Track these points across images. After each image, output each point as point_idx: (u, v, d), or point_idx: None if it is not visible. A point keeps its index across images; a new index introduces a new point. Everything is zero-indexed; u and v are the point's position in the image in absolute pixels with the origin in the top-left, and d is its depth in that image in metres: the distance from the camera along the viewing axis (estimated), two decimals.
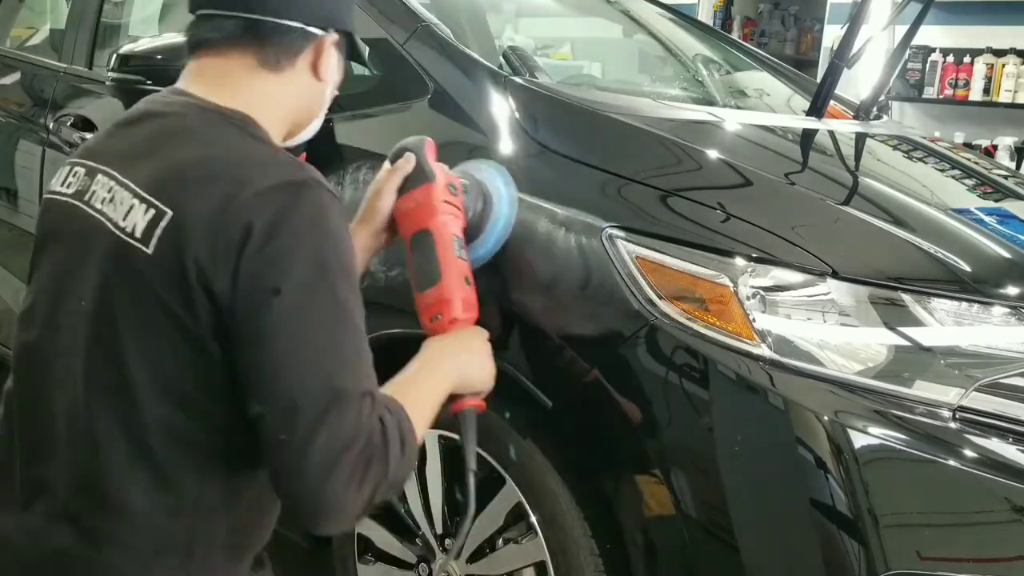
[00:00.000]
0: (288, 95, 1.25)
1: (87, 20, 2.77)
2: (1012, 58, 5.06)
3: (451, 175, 1.47)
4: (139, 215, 1.11)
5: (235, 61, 1.22)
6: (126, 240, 1.11)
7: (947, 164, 2.22)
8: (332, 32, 1.26)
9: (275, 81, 1.23)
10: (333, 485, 1.07)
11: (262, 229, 1.07)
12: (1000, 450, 1.38)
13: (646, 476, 1.49)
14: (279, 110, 1.25)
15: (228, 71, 1.22)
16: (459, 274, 1.41)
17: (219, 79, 1.22)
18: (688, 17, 3.22)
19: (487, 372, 1.41)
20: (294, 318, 1.07)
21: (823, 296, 1.45)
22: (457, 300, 1.40)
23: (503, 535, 1.68)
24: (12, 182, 2.83)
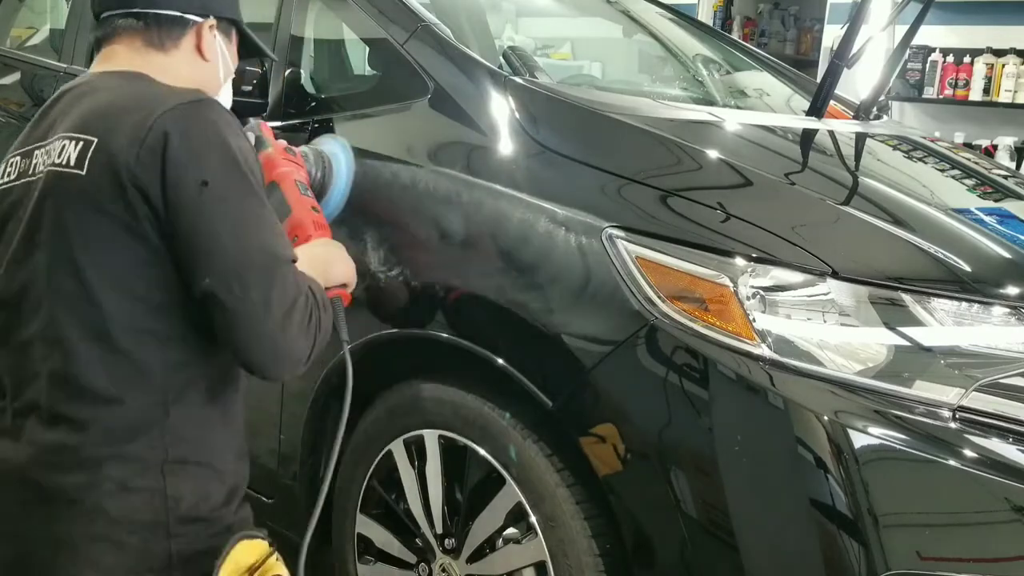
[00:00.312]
0: (179, 70, 1.45)
1: (87, 20, 2.77)
2: (1012, 58, 5.06)
3: (282, 143, 1.72)
4: (70, 149, 1.31)
5: (126, 45, 1.44)
6: (63, 170, 1.30)
7: (947, 164, 2.22)
8: (211, 18, 1.47)
9: (164, 59, 1.44)
10: (290, 334, 1.29)
11: (177, 135, 1.26)
12: (1000, 450, 1.37)
13: (646, 476, 1.49)
14: (173, 81, 1.42)
15: (122, 53, 1.44)
16: (306, 205, 1.63)
17: (116, 60, 1.44)
18: (688, 17, 3.22)
19: (346, 267, 1.60)
20: (225, 201, 1.28)
21: (823, 296, 1.45)
22: (308, 223, 1.61)
23: (503, 535, 1.68)
24: None
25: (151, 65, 1.43)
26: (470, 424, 1.67)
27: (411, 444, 1.78)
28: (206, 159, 1.28)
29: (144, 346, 1.29)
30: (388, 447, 1.81)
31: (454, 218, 1.73)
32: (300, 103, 2.06)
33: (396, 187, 1.82)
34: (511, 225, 1.64)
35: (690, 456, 1.46)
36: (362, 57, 2.57)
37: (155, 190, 1.25)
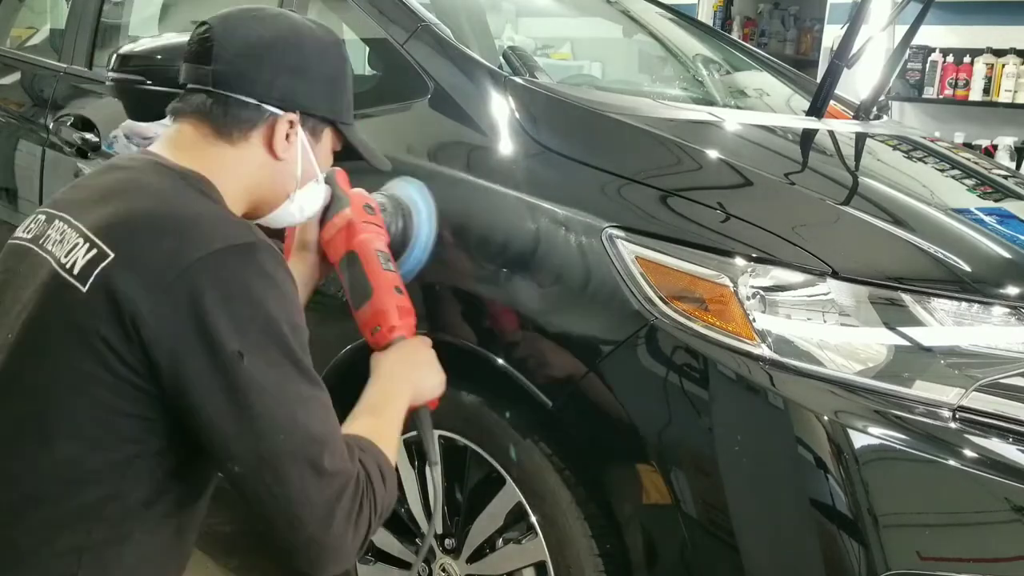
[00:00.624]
0: (245, 167, 1.29)
1: (87, 20, 2.78)
2: (1012, 58, 5.06)
3: (367, 197, 1.53)
4: (80, 253, 1.14)
5: (196, 129, 1.28)
6: (63, 276, 1.14)
7: (947, 164, 2.22)
8: (291, 114, 1.29)
9: (232, 152, 1.28)
10: (334, 530, 1.12)
11: (213, 294, 1.09)
12: (1000, 450, 1.37)
13: (646, 476, 1.49)
14: (237, 180, 1.29)
15: (190, 138, 1.28)
16: (389, 285, 1.46)
17: (183, 144, 1.28)
18: (688, 17, 3.22)
19: (437, 381, 1.47)
20: (262, 378, 1.10)
21: (823, 296, 1.45)
22: (392, 310, 1.44)
23: (503, 535, 1.68)
24: (12, 182, 2.84)
25: (214, 159, 1.27)
26: (470, 424, 1.67)
27: (411, 444, 1.78)
28: (246, 327, 1.10)
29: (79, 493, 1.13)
30: None
31: (454, 218, 1.73)
32: None
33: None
34: (511, 225, 1.65)
35: (690, 456, 1.46)
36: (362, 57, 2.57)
37: (169, 349, 1.09)
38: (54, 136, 2.62)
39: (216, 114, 1.27)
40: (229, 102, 1.26)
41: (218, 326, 1.09)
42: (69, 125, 2.56)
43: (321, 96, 1.33)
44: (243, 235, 1.16)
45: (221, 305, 1.09)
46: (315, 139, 1.35)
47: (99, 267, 1.11)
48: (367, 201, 1.52)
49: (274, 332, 1.12)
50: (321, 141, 1.36)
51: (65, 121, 2.59)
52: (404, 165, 1.83)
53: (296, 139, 1.31)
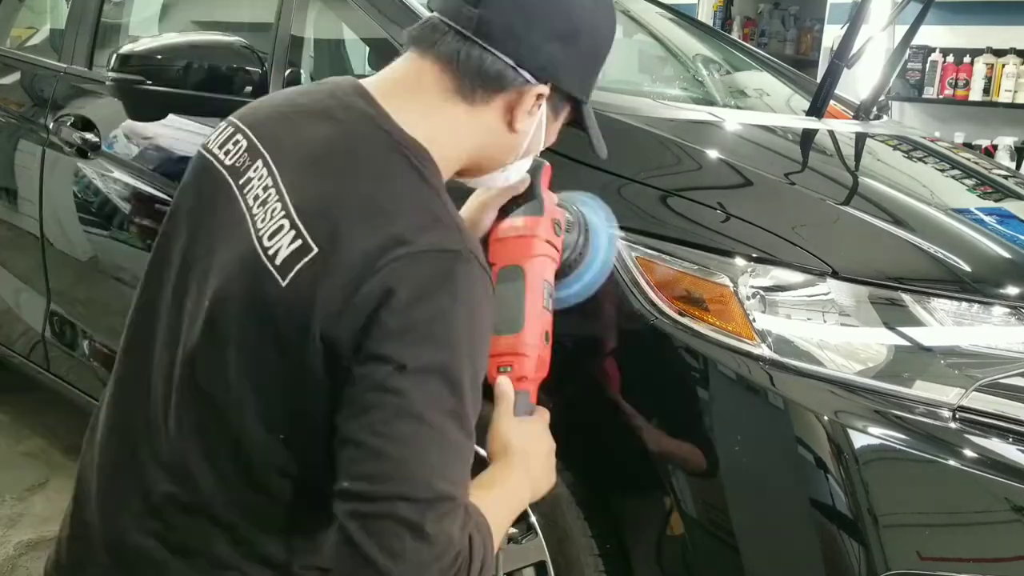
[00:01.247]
0: (474, 132, 1.15)
1: (87, 20, 2.77)
2: (1012, 58, 5.06)
3: (560, 212, 1.35)
4: (285, 241, 1.04)
5: (437, 79, 1.13)
6: (264, 263, 1.04)
7: (947, 164, 2.22)
8: (543, 85, 1.14)
9: (465, 115, 1.13)
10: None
11: (403, 299, 0.98)
12: (1000, 450, 1.37)
13: (646, 476, 1.49)
14: (460, 145, 1.15)
15: (427, 88, 1.13)
16: (541, 328, 1.30)
17: (415, 94, 1.13)
18: (688, 17, 3.22)
19: (552, 480, 1.29)
20: (413, 400, 0.98)
21: (823, 296, 1.45)
22: (532, 357, 1.28)
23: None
24: (12, 182, 2.83)
25: (443, 122, 1.12)
26: None
27: None
28: (421, 340, 0.98)
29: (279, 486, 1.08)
30: None
31: None
32: None
33: None
34: None
35: (690, 456, 1.46)
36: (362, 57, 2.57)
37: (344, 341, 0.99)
38: (54, 136, 2.62)
39: (466, 68, 1.11)
40: (485, 57, 1.10)
41: (392, 330, 0.98)
42: (69, 125, 2.56)
43: (581, 71, 1.19)
44: (452, 240, 1.03)
45: (406, 308, 0.98)
46: (554, 115, 1.20)
47: (301, 262, 1.02)
48: (558, 216, 1.34)
49: (446, 357, 1.00)
50: (559, 118, 1.22)
51: (65, 121, 2.59)
52: None
53: (537, 113, 1.16)
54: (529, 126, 1.17)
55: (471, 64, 1.11)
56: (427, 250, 1.01)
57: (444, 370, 0.99)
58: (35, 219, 2.69)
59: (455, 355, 1.00)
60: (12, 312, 2.88)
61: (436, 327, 0.99)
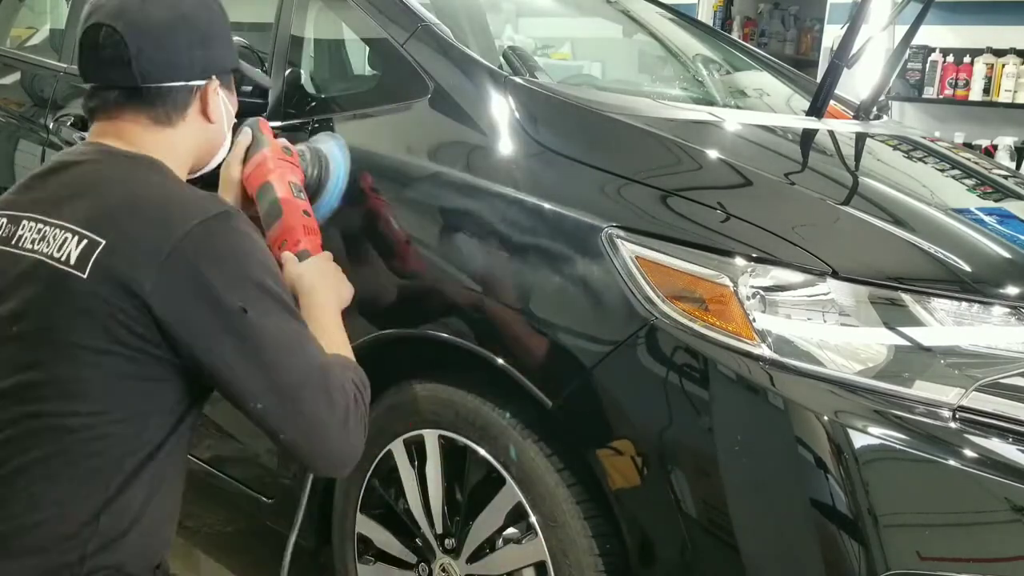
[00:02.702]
0: (186, 142, 1.42)
1: None
2: (1012, 58, 5.06)
3: (286, 143, 1.68)
4: (72, 246, 1.24)
5: (130, 122, 1.38)
6: (59, 267, 1.23)
7: (947, 164, 2.22)
8: (211, 80, 1.42)
9: (171, 134, 1.40)
10: (350, 438, 1.32)
11: (210, 263, 1.23)
12: (1000, 450, 1.37)
13: (646, 476, 1.49)
14: (180, 155, 1.42)
15: (126, 130, 1.38)
16: (298, 209, 1.60)
17: (120, 136, 1.38)
18: (688, 17, 3.22)
19: (349, 290, 1.60)
20: (267, 324, 1.26)
21: (823, 296, 1.45)
22: (298, 227, 1.58)
23: (503, 535, 1.68)
24: (12, 182, 2.83)
25: (161, 144, 1.38)
26: (470, 424, 1.67)
27: (411, 444, 1.78)
28: (241, 284, 1.25)
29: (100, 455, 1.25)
30: (388, 447, 1.81)
31: (454, 217, 1.73)
32: (300, 103, 2.06)
33: (396, 186, 1.82)
34: (511, 225, 1.64)
35: (690, 456, 1.46)
36: (362, 57, 2.57)
37: (180, 316, 1.22)
38: (54, 136, 2.62)
39: (150, 106, 1.37)
40: (161, 91, 1.37)
41: (217, 288, 1.22)
42: (69, 125, 2.56)
43: (224, 51, 1.46)
44: (215, 206, 1.30)
45: (215, 269, 1.23)
46: (227, 89, 1.49)
47: (95, 254, 1.22)
48: (285, 144, 1.68)
49: (263, 283, 1.27)
50: (230, 88, 1.51)
51: (65, 121, 2.59)
52: (404, 165, 1.83)
53: (219, 98, 1.45)
54: (220, 110, 1.46)
55: (151, 102, 1.37)
56: (203, 219, 1.25)
57: (264, 293, 1.27)
58: None
59: (264, 279, 1.28)
60: None
61: (241, 268, 1.26)
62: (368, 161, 1.88)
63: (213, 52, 1.43)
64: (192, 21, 1.40)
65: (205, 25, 1.42)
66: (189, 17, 1.40)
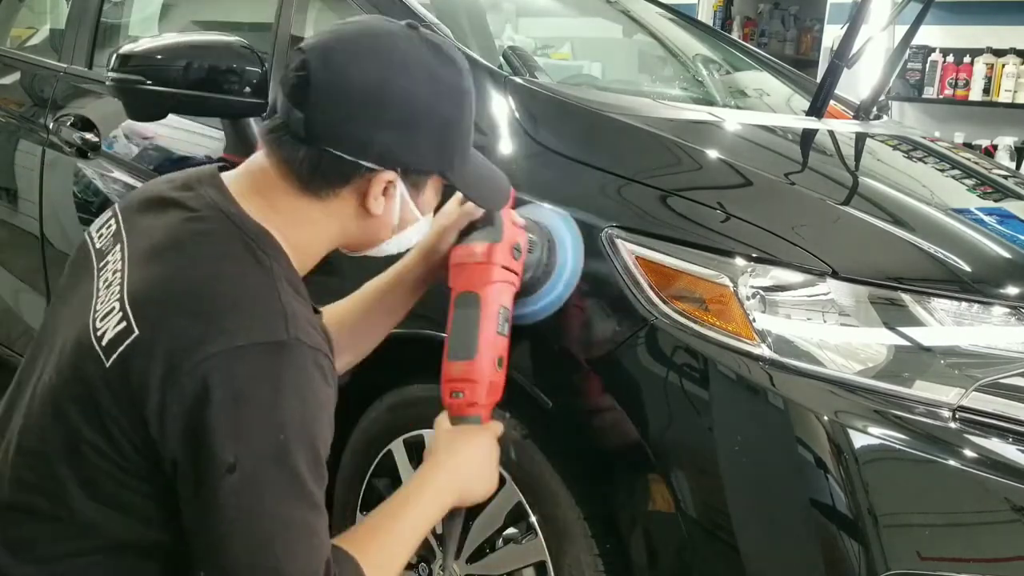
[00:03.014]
0: (331, 221, 1.18)
1: (87, 20, 2.77)
2: (1012, 58, 5.06)
3: (519, 232, 1.39)
4: (111, 323, 1.07)
5: (281, 177, 1.16)
6: (92, 343, 1.08)
7: (947, 164, 2.22)
8: (389, 171, 1.16)
9: (317, 207, 1.16)
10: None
11: (222, 394, 1.00)
12: (1000, 450, 1.37)
13: (646, 476, 1.49)
14: (318, 234, 1.19)
15: (272, 185, 1.16)
16: (495, 354, 1.35)
17: (262, 190, 1.16)
18: (688, 17, 3.22)
19: (490, 487, 1.35)
20: (245, 497, 1.01)
21: (823, 296, 1.45)
22: (484, 384, 1.34)
23: (503, 535, 1.68)
24: (12, 182, 2.83)
25: (292, 214, 1.15)
26: None
27: (411, 444, 1.78)
28: (246, 438, 1.01)
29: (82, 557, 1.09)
30: (388, 447, 1.81)
31: None
32: None
33: None
34: None
35: (690, 456, 1.46)
36: None
37: (169, 439, 1.02)
38: (54, 136, 2.62)
39: (304, 168, 1.13)
40: (322, 156, 1.12)
41: (216, 432, 1.00)
42: (69, 125, 2.56)
43: (428, 149, 1.18)
44: (275, 331, 1.04)
45: (226, 408, 1.00)
46: (416, 190, 1.21)
47: (123, 344, 1.04)
48: (518, 240, 1.38)
49: (279, 446, 1.02)
50: (424, 191, 1.23)
51: (65, 121, 2.59)
52: None
53: (395, 194, 1.18)
54: (387, 207, 1.19)
55: (307, 164, 1.13)
56: (247, 344, 1.02)
57: (275, 459, 1.02)
58: (35, 219, 2.69)
59: (284, 443, 1.02)
60: (12, 312, 2.88)
61: (260, 417, 1.01)
62: None
63: (409, 142, 1.16)
64: (403, 98, 1.14)
65: (418, 109, 1.15)
66: (402, 93, 1.13)
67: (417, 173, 1.19)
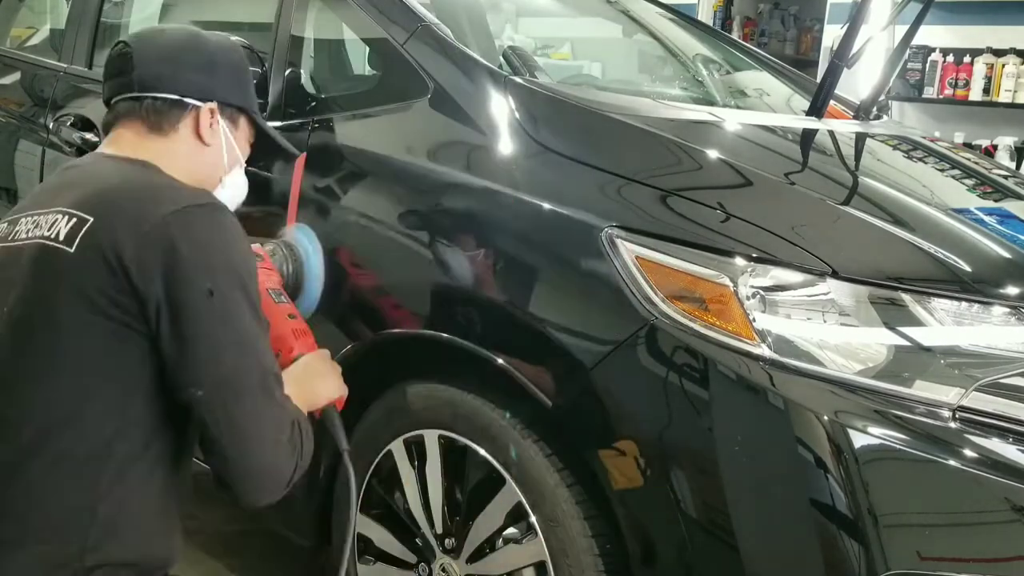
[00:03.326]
0: (179, 154, 1.47)
1: (87, 20, 2.77)
2: (1012, 58, 5.06)
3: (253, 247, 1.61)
4: (62, 224, 1.30)
5: (130, 129, 1.47)
6: (50, 244, 1.29)
7: (947, 164, 2.22)
8: (209, 103, 1.49)
9: (164, 142, 1.47)
10: (280, 459, 1.30)
11: (185, 240, 1.26)
12: (1000, 450, 1.37)
13: (646, 476, 1.49)
14: (176, 165, 1.45)
15: (129, 138, 1.47)
16: (283, 314, 1.60)
17: (124, 145, 1.46)
18: (688, 17, 3.22)
19: (334, 385, 1.61)
20: (227, 314, 1.28)
21: (823, 296, 1.45)
22: (288, 334, 1.58)
23: (503, 535, 1.68)
24: (12, 182, 2.83)
25: (152, 150, 1.45)
26: (470, 424, 1.67)
27: (411, 444, 1.78)
28: (213, 269, 1.27)
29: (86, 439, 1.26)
30: (388, 447, 1.81)
31: (454, 219, 1.73)
32: (300, 103, 2.06)
33: (397, 186, 1.82)
34: (510, 225, 1.64)
35: (690, 456, 1.46)
36: (362, 57, 2.57)
37: (152, 288, 1.24)
38: (54, 136, 2.62)
39: (145, 113, 1.46)
40: (156, 101, 1.46)
41: (191, 267, 1.25)
42: (69, 125, 2.56)
43: (231, 88, 1.54)
44: (205, 196, 1.37)
45: (193, 250, 1.26)
46: (234, 126, 1.55)
47: (83, 230, 1.27)
48: (256, 251, 1.63)
49: (237, 276, 1.30)
50: (239, 128, 1.57)
51: (65, 121, 2.59)
52: (403, 165, 1.83)
53: (218, 126, 1.51)
54: (217, 139, 1.52)
55: (146, 109, 1.46)
56: (188, 206, 1.30)
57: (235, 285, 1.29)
58: None
59: (242, 274, 1.31)
60: None
61: (219, 256, 1.29)
62: (368, 161, 1.88)
63: (217, 81, 1.51)
64: (201, 48, 1.52)
65: (215, 57, 1.52)
66: (200, 46, 1.52)
67: (230, 108, 1.53)
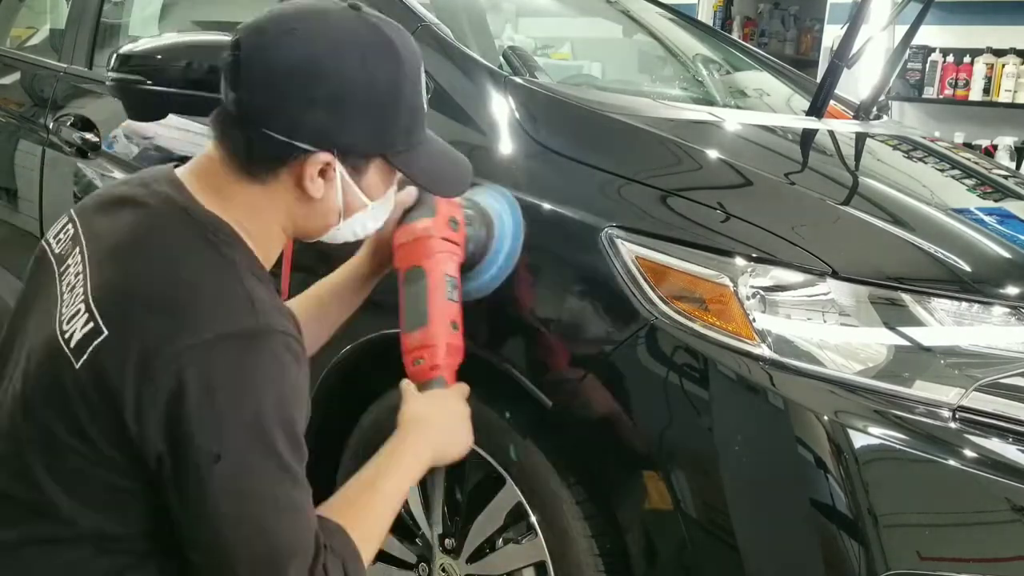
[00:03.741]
0: (276, 206, 1.17)
1: (87, 20, 2.77)
2: (1012, 58, 5.06)
3: (454, 207, 1.43)
4: (78, 325, 1.08)
5: (225, 163, 1.16)
6: (60, 345, 1.08)
7: (947, 164, 2.22)
8: (324, 152, 1.13)
9: (261, 192, 1.15)
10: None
11: (198, 389, 1.01)
12: (1000, 450, 1.37)
13: (646, 476, 1.49)
14: (267, 220, 1.18)
15: (220, 173, 1.16)
16: (447, 318, 1.39)
17: (211, 180, 1.17)
18: (688, 17, 3.22)
19: (465, 443, 1.38)
20: (234, 483, 1.04)
21: (823, 296, 1.45)
22: (441, 346, 1.38)
23: (503, 535, 1.68)
24: (12, 182, 2.83)
25: (242, 201, 1.15)
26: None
27: None
28: (227, 427, 1.03)
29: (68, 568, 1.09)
30: None
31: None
32: None
33: None
34: None
35: (690, 456, 1.46)
36: None
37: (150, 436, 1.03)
38: (54, 136, 2.62)
39: (241, 151, 1.13)
40: (254, 137, 1.11)
41: (196, 425, 1.02)
42: (69, 125, 2.56)
43: (362, 130, 1.15)
44: (242, 320, 1.06)
45: (204, 401, 1.02)
46: (358, 173, 1.18)
47: (92, 344, 1.05)
48: (454, 214, 1.42)
49: (259, 431, 1.04)
50: (367, 173, 1.20)
51: (65, 121, 2.59)
52: None
53: (335, 176, 1.16)
54: (328, 191, 1.17)
55: (244, 147, 1.13)
56: (216, 336, 1.04)
57: (258, 444, 1.04)
58: (35, 219, 2.69)
59: (264, 428, 1.04)
60: None
61: (238, 407, 1.03)
62: None
63: (341, 122, 1.13)
64: (331, 75, 1.11)
65: (348, 87, 1.12)
66: (330, 71, 1.11)
67: (355, 155, 1.17)
